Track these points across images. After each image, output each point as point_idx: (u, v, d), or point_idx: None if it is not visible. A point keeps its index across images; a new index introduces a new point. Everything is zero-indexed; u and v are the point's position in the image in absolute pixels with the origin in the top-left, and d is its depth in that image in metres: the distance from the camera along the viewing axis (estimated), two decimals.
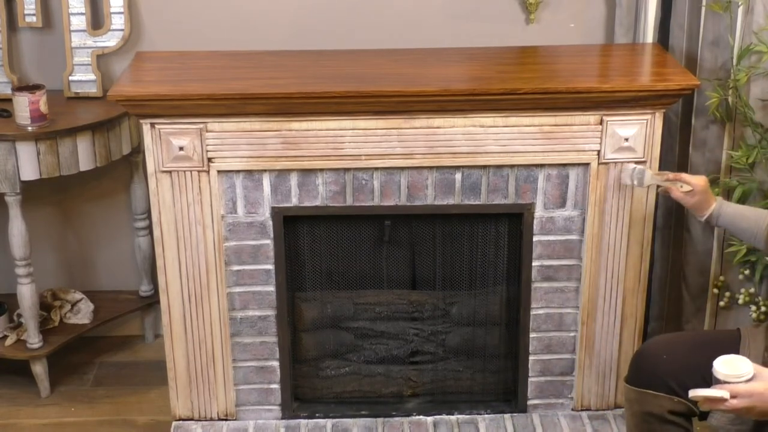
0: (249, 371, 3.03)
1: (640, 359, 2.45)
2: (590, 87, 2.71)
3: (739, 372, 2.03)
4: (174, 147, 2.74)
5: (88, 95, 3.23)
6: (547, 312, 3.00)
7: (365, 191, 2.84)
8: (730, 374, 2.03)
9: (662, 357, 2.39)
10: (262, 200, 2.84)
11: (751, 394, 2.01)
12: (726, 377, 2.04)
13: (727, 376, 2.04)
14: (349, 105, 2.70)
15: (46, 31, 3.24)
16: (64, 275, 3.57)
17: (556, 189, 2.85)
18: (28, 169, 3.00)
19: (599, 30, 3.24)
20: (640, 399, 2.41)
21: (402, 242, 3.02)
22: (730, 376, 2.03)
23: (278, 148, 2.76)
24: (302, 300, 3.06)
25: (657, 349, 2.44)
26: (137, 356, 3.56)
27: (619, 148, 2.79)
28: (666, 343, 2.48)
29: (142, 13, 3.22)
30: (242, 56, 3.02)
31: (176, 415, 3.07)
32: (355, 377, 3.14)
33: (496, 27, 3.21)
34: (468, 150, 2.78)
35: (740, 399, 2.01)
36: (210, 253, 2.87)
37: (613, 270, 2.93)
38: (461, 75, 2.87)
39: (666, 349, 2.42)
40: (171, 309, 2.93)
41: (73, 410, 3.27)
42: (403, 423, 3.09)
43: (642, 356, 2.45)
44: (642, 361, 2.44)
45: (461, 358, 3.14)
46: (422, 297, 3.10)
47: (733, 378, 2.03)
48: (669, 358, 2.38)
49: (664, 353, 2.40)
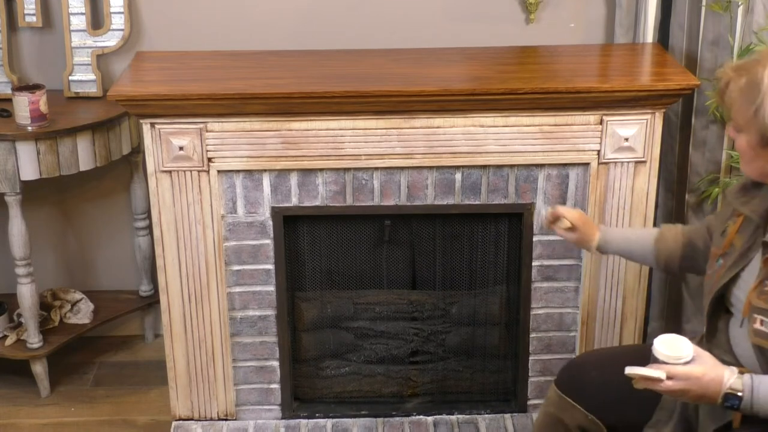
0: (249, 371, 3.03)
1: (570, 369, 2.42)
2: (590, 87, 2.71)
3: (679, 353, 1.99)
4: (174, 147, 2.74)
5: (88, 95, 3.23)
6: (547, 312, 3.00)
7: (365, 191, 2.84)
8: (670, 355, 1.99)
9: (591, 373, 2.36)
10: (262, 200, 2.84)
11: (688, 378, 1.97)
12: (665, 358, 1.99)
13: (666, 357, 1.99)
14: (349, 105, 2.70)
15: (46, 31, 3.24)
16: (64, 275, 3.57)
17: (556, 189, 2.85)
18: (28, 168, 3.00)
19: (599, 30, 3.24)
20: (558, 403, 2.38)
21: (402, 242, 3.02)
22: (669, 357, 1.98)
23: (278, 147, 2.76)
24: (302, 300, 3.06)
25: (589, 363, 2.41)
26: (137, 356, 3.56)
27: (619, 147, 2.79)
28: (599, 359, 2.45)
29: (142, 13, 3.22)
30: (242, 56, 3.02)
31: (176, 415, 3.07)
32: (355, 377, 3.14)
33: (496, 27, 3.21)
34: (468, 150, 2.78)
35: (676, 381, 1.98)
36: (210, 253, 2.87)
37: (613, 270, 2.93)
38: (461, 75, 2.87)
39: (597, 364, 2.39)
40: (171, 309, 2.93)
41: (73, 410, 3.27)
42: (403, 423, 3.09)
43: (573, 366, 2.42)
44: (572, 371, 2.41)
45: (461, 358, 3.14)
46: (422, 297, 3.10)
47: (673, 359, 1.98)
48: (597, 374, 2.34)
49: (594, 369, 2.37)
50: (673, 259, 2.42)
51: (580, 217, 2.52)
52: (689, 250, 2.39)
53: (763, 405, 1.97)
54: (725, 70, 2.06)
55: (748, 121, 1.99)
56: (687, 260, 2.41)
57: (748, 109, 1.98)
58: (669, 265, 2.44)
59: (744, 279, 2.11)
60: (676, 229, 2.45)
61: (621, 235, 2.53)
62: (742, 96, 2.00)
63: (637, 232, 2.56)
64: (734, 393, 1.97)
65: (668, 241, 2.42)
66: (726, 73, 2.05)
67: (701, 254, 2.36)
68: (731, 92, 2.03)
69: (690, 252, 2.39)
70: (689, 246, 2.39)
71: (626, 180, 2.83)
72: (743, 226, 2.15)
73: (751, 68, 1.99)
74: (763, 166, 2.03)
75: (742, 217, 2.15)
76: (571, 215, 2.51)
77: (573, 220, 2.51)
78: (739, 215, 2.17)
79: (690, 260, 2.40)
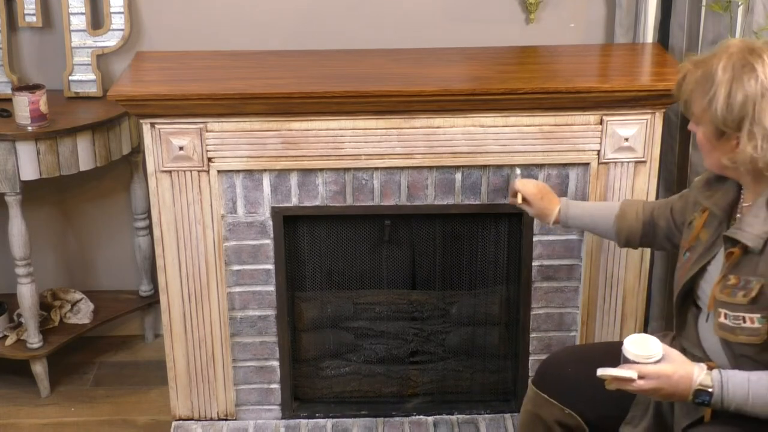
0: (249, 371, 3.03)
1: (546, 366, 2.44)
2: (590, 87, 2.71)
3: (649, 352, 2.02)
4: (174, 147, 2.74)
5: (88, 95, 3.23)
6: (547, 312, 3.00)
7: (365, 191, 2.84)
8: (640, 354, 2.02)
9: (567, 369, 2.38)
10: (262, 200, 2.84)
11: (659, 376, 2.01)
12: (635, 357, 2.02)
13: (636, 356, 2.02)
14: (349, 105, 2.70)
15: (46, 31, 3.24)
16: (64, 275, 3.57)
17: (556, 189, 2.84)
18: (28, 169, 3.00)
19: (599, 30, 3.24)
20: (535, 399, 2.40)
21: (402, 242, 3.02)
22: (639, 357, 2.02)
23: (278, 147, 2.76)
24: (302, 300, 3.06)
25: (564, 359, 2.43)
26: (137, 356, 3.56)
27: (619, 147, 2.79)
28: (573, 354, 2.47)
29: (142, 13, 3.22)
30: (242, 56, 3.02)
31: (176, 415, 3.07)
32: (355, 377, 3.14)
33: (496, 27, 3.21)
34: (468, 150, 2.78)
35: (648, 380, 2.01)
36: (210, 253, 2.87)
37: (613, 270, 2.93)
38: (461, 75, 2.87)
39: (572, 360, 2.41)
40: (171, 309, 2.93)
41: (73, 410, 3.27)
42: (403, 423, 3.09)
43: (549, 364, 2.44)
44: (547, 368, 2.43)
45: (461, 357, 3.14)
46: (422, 297, 3.10)
47: (643, 359, 2.01)
48: (573, 370, 2.36)
49: (569, 365, 2.39)
50: (633, 235, 2.48)
51: (537, 191, 2.59)
52: (649, 228, 2.45)
53: (732, 399, 2.00)
54: (685, 64, 2.09)
55: (703, 113, 2.02)
56: (646, 237, 2.47)
57: (702, 101, 2.01)
58: (629, 241, 2.50)
59: (710, 273, 2.15)
60: (637, 205, 2.50)
61: (583, 211, 2.58)
62: (697, 88, 2.03)
63: (599, 207, 2.60)
64: (705, 389, 2.01)
65: (629, 219, 2.48)
66: (685, 66, 2.09)
67: (662, 232, 2.42)
68: (687, 84, 2.06)
69: (650, 229, 2.45)
70: (649, 224, 2.45)
71: (626, 180, 2.83)
72: (708, 220, 2.18)
73: (708, 61, 2.02)
74: (719, 158, 2.05)
75: (708, 210, 2.18)
76: (527, 189, 2.59)
77: (528, 196, 2.58)
78: (704, 209, 2.19)
79: (650, 237, 2.47)
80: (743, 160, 1.98)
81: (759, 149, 1.96)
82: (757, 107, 1.94)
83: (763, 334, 2.01)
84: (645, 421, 2.24)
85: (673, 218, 2.39)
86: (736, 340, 2.04)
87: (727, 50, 2.00)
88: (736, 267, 2.04)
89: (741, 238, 2.02)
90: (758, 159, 1.97)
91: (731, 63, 1.97)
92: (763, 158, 1.97)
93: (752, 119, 1.95)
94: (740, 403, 2.00)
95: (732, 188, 2.14)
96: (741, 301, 2.02)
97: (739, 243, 2.03)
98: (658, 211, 2.44)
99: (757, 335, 2.01)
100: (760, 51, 1.98)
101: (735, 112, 1.96)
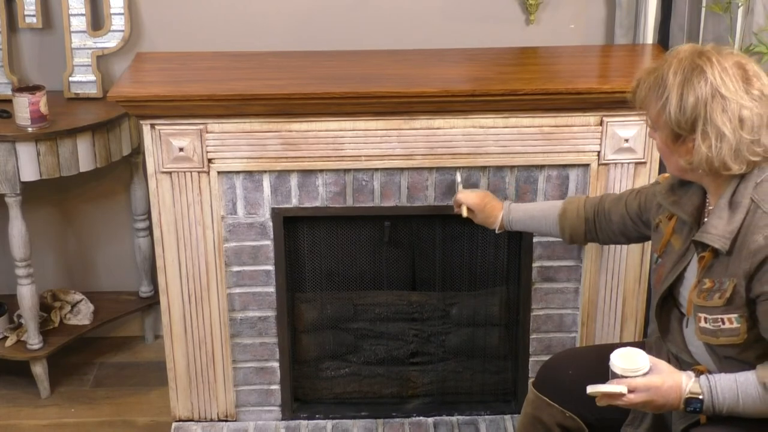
0: (249, 372, 3.03)
1: (547, 369, 2.45)
2: (590, 88, 2.71)
3: (636, 366, 2.02)
4: (174, 148, 2.74)
5: (88, 96, 3.23)
6: (547, 313, 3.00)
7: (365, 192, 2.84)
8: (628, 368, 2.02)
9: (568, 371, 2.39)
10: (262, 201, 2.84)
11: (648, 388, 2.02)
12: (623, 371, 2.02)
13: (624, 370, 2.02)
14: (349, 106, 2.70)
15: (46, 32, 3.24)
16: (64, 276, 3.57)
17: (556, 190, 2.85)
18: (28, 169, 3.00)
19: (599, 30, 3.24)
20: (536, 402, 2.41)
21: (402, 243, 3.02)
22: (627, 370, 2.02)
23: (278, 148, 2.76)
24: (302, 301, 3.06)
25: (564, 362, 2.44)
26: (137, 357, 3.56)
27: (619, 148, 2.79)
28: (574, 357, 2.48)
29: (142, 14, 3.23)
30: (242, 57, 3.02)
31: (176, 416, 3.07)
32: (355, 378, 3.14)
33: (496, 27, 3.21)
34: (468, 151, 2.78)
35: (638, 393, 2.03)
36: (210, 254, 2.87)
37: (613, 270, 2.93)
38: (461, 76, 2.87)
39: (573, 362, 2.42)
40: (171, 310, 2.93)
41: (73, 411, 3.27)
42: (403, 424, 3.09)
43: (549, 367, 2.45)
44: (548, 371, 2.44)
45: (461, 358, 3.14)
46: (422, 298, 3.10)
47: (630, 372, 2.02)
48: (574, 373, 2.37)
49: (570, 367, 2.40)
50: (577, 233, 2.53)
51: (480, 201, 2.64)
52: (592, 224, 2.50)
53: (723, 403, 2.02)
54: (640, 73, 2.12)
55: (659, 117, 2.05)
56: (590, 233, 2.52)
57: (656, 106, 2.04)
58: (574, 238, 2.55)
59: (688, 279, 2.17)
60: (578, 203, 2.54)
61: (525, 213, 2.62)
62: (650, 94, 2.06)
63: (542, 207, 2.63)
64: (695, 396, 2.03)
65: (571, 217, 2.53)
66: (640, 74, 2.12)
67: (616, 227, 2.46)
68: (641, 92, 2.09)
69: (593, 225, 2.50)
70: (592, 220, 2.50)
71: (626, 181, 2.83)
72: (678, 226, 2.20)
73: (659, 67, 2.05)
74: (678, 161, 2.07)
75: (675, 216, 2.20)
76: (469, 200, 2.65)
77: (471, 206, 2.65)
78: (671, 215, 2.21)
79: (593, 233, 2.51)
80: (700, 161, 2.01)
81: (713, 149, 1.98)
82: (708, 108, 1.97)
83: (742, 333, 2.03)
84: (645, 422, 2.24)
85: (629, 214, 2.41)
86: (718, 342, 2.06)
87: (677, 55, 2.04)
88: (710, 270, 2.07)
89: (708, 240, 2.04)
90: (713, 158, 1.99)
91: (681, 67, 2.00)
92: (719, 157, 1.99)
93: (705, 120, 1.98)
94: (731, 405, 2.01)
95: (697, 193, 2.16)
96: (717, 303, 2.03)
97: (709, 246, 2.04)
98: (610, 206, 2.46)
99: (737, 335, 2.03)
100: (708, 54, 2.01)
101: (688, 114, 1.99)
